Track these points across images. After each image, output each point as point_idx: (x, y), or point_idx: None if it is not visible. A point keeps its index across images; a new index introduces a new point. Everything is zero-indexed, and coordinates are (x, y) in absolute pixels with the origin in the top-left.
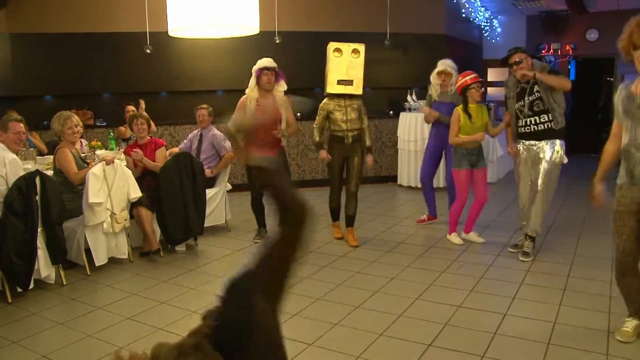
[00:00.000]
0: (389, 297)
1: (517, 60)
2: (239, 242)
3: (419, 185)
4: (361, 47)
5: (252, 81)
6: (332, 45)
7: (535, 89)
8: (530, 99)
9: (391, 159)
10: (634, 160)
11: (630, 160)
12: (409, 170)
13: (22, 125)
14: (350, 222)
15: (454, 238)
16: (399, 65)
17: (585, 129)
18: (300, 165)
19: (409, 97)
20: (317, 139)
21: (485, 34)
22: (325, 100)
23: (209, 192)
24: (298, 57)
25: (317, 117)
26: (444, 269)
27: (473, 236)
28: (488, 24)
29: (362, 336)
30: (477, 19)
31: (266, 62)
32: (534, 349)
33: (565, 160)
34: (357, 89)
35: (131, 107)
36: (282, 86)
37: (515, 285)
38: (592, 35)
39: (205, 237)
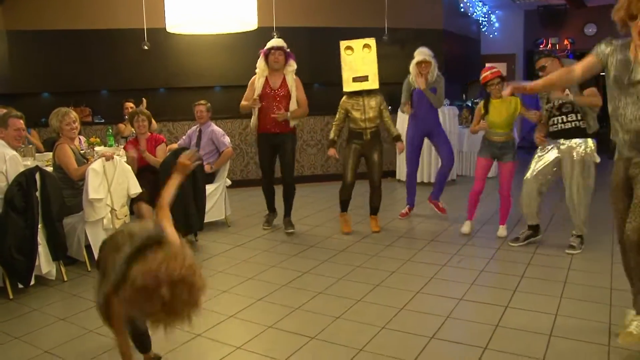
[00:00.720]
0: (390, 291)
1: (542, 65)
2: (238, 237)
3: (418, 180)
4: (372, 42)
5: (261, 61)
6: (342, 44)
7: (565, 92)
8: (560, 101)
9: (390, 154)
10: (614, 131)
11: (612, 130)
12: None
13: (22, 121)
14: (374, 212)
15: (465, 226)
16: (397, 61)
17: None
18: (299, 161)
19: None
20: (332, 135)
21: (483, 29)
22: (344, 98)
23: (209, 188)
24: (296, 53)
25: (337, 115)
26: (445, 263)
27: (500, 228)
28: (486, 19)
29: (364, 329)
30: (474, 14)
31: (274, 42)
32: (536, 341)
33: (598, 160)
34: (372, 83)
35: (130, 104)
36: (292, 65)
37: (516, 278)
38: (591, 29)
39: (205, 233)
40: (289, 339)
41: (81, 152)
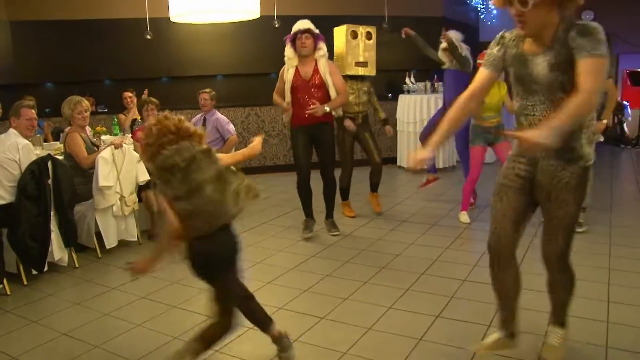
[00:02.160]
0: (395, 273)
1: None
2: (245, 223)
3: (419, 166)
4: (373, 30)
5: (288, 49)
6: (349, 28)
7: None
8: None
9: (390, 140)
10: (523, 128)
11: (519, 126)
12: (408, 151)
13: (33, 111)
14: (374, 188)
15: (462, 216)
16: (397, 48)
17: None
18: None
19: (407, 80)
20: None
21: (481, 16)
22: None
23: None
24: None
25: None
26: (448, 245)
27: None
28: (484, 6)
29: (371, 309)
30: (473, 1)
31: (300, 24)
32: (538, 318)
33: (601, 139)
34: (371, 70)
35: (129, 94)
36: (322, 49)
37: (517, 260)
38: (588, 16)
39: None
40: (300, 319)
41: (92, 141)
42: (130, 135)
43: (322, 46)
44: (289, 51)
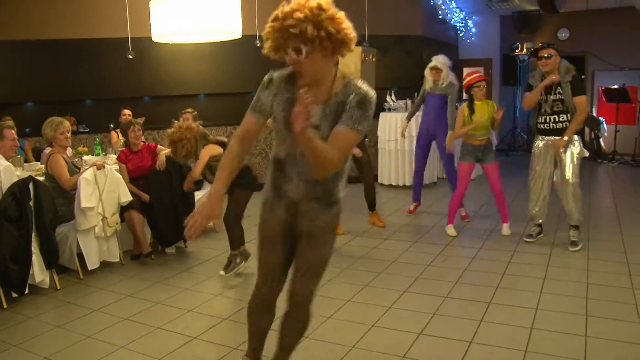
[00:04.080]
0: (378, 291)
1: (546, 55)
2: (227, 243)
3: (400, 184)
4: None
5: None
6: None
7: (557, 90)
8: (552, 97)
9: (372, 158)
10: (287, 177)
11: (281, 173)
12: (389, 169)
13: (13, 131)
14: (372, 207)
15: (449, 229)
16: (378, 67)
17: None
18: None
19: (388, 98)
20: None
21: (460, 34)
22: None
23: (197, 195)
24: (279, 62)
25: None
26: (429, 262)
27: (504, 227)
28: (463, 25)
29: (355, 328)
30: (452, 20)
31: None
32: (519, 334)
33: (586, 154)
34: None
35: (128, 111)
36: None
37: (498, 276)
38: (564, 34)
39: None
40: None
41: (73, 161)
42: (114, 155)
43: None
44: None
